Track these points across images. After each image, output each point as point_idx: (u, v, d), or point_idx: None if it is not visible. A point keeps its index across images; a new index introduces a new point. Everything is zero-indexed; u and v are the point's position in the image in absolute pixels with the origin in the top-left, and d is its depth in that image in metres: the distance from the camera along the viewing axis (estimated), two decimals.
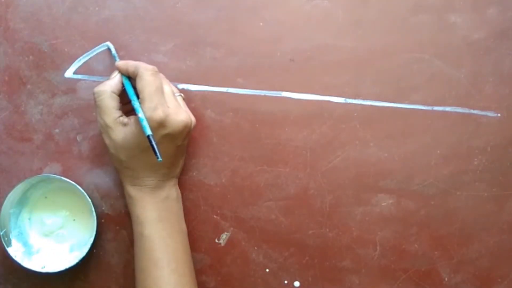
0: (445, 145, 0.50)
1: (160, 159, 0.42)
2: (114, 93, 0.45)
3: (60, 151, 0.51)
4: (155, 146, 0.42)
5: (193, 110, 0.50)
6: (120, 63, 0.46)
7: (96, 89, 0.45)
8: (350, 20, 0.50)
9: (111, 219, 0.52)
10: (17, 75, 0.51)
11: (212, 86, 0.50)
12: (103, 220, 0.52)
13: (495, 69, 0.50)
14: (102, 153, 0.51)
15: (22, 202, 0.51)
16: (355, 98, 0.50)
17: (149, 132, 0.42)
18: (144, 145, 0.44)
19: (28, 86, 0.51)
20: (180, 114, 0.45)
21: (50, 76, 0.51)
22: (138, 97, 0.45)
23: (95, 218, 0.48)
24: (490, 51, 0.50)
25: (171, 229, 0.47)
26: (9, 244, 0.49)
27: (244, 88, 0.51)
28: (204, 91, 0.50)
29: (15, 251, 0.49)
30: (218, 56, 0.50)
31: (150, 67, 0.45)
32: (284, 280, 0.51)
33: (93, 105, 0.51)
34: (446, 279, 0.51)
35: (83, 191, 0.48)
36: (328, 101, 0.50)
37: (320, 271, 0.51)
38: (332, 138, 0.51)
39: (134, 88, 0.45)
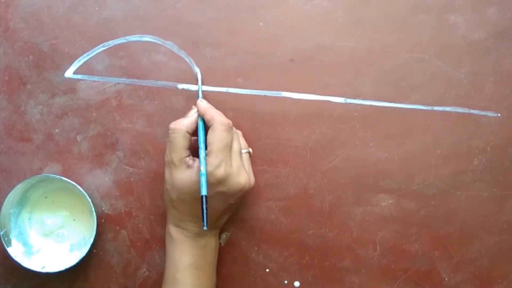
0: (445, 145, 0.50)
1: (205, 227, 0.41)
2: (188, 132, 0.45)
3: (60, 151, 0.51)
4: (204, 212, 0.41)
5: None
6: (200, 105, 0.46)
7: (172, 125, 0.45)
8: (350, 20, 0.50)
9: (111, 219, 0.52)
10: (17, 75, 0.51)
11: (212, 86, 0.50)
12: (103, 220, 0.52)
13: (495, 69, 0.50)
14: (102, 153, 0.51)
15: (22, 202, 0.51)
16: (355, 98, 0.50)
17: (204, 192, 0.42)
18: (197, 195, 0.43)
19: (28, 86, 0.51)
20: (240, 176, 0.44)
21: (50, 76, 0.51)
22: (206, 146, 0.44)
23: (95, 218, 0.48)
24: (490, 51, 0.50)
25: (204, 278, 0.47)
26: (9, 244, 0.49)
27: (244, 88, 0.51)
28: (204, 91, 0.50)
29: (15, 251, 0.49)
30: (218, 56, 0.50)
31: (226, 121, 0.44)
32: (284, 280, 0.51)
33: (93, 106, 0.51)
34: (446, 279, 0.51)
35: (83, 191, 0.48)
36: (328, 101, 0.50)
37: (320, 271, 0.51)
38: (332, 138, 0.51)
39: (206, 131, 0.45)
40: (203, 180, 0.42)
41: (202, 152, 0.44)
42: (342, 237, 0.51)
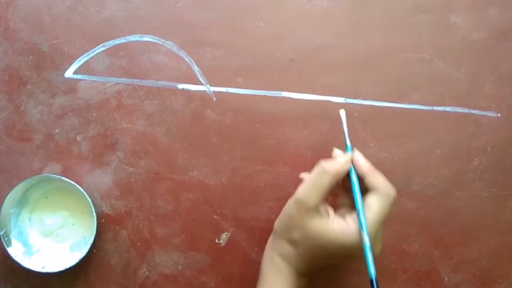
0: (445, 145, 0.50)
1: None
2: (335, 179, 0.42)
3: (60, 151, 0.51)
4: None
5: (193, 110, 0.50)
6: (361, 165, 0.42)
7: (325, 165, 0.41)
8: (350, 20, 0.50)
9: (111, 219, 0.52)
10: (17, 75, 0.51)
11: (212, 86, 0.50)
12: (103, 220, 0.52)
13: (495, 69, 0.50)
14: (102, 153, 0.51)
15: (22, 202, 0.51)
16: (355, 98, 0.50)
17: (373, 273, 0.38)
18: (331, 250, 0.40)
19: (28, 86, 0.51)
20: (375, 250, 0.41)
21: (50, 76, 0.51)
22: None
23: (95, 218, 0.48)
24: (490, 51, 0.50)
25: None
26: (9, 244, 0.49)
27: (244, 88, 0.51)
28: (204, 91, 0.50)
29: (15, 251, 0.49)
30: (218, 56, 0.50)
31: (393, 194, 0.41)
32: None
33: (93, 106, 0.51)
34: (446, 279, 0.51)
35: (83, 191, 0.48)
36: (328, 101, 0.50)
37: (320, 271, 0.51)
38: (332, 138, 0.51)
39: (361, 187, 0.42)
40: (370, 258, 0.38)
41: (362, 219, 0.39)
42: None
